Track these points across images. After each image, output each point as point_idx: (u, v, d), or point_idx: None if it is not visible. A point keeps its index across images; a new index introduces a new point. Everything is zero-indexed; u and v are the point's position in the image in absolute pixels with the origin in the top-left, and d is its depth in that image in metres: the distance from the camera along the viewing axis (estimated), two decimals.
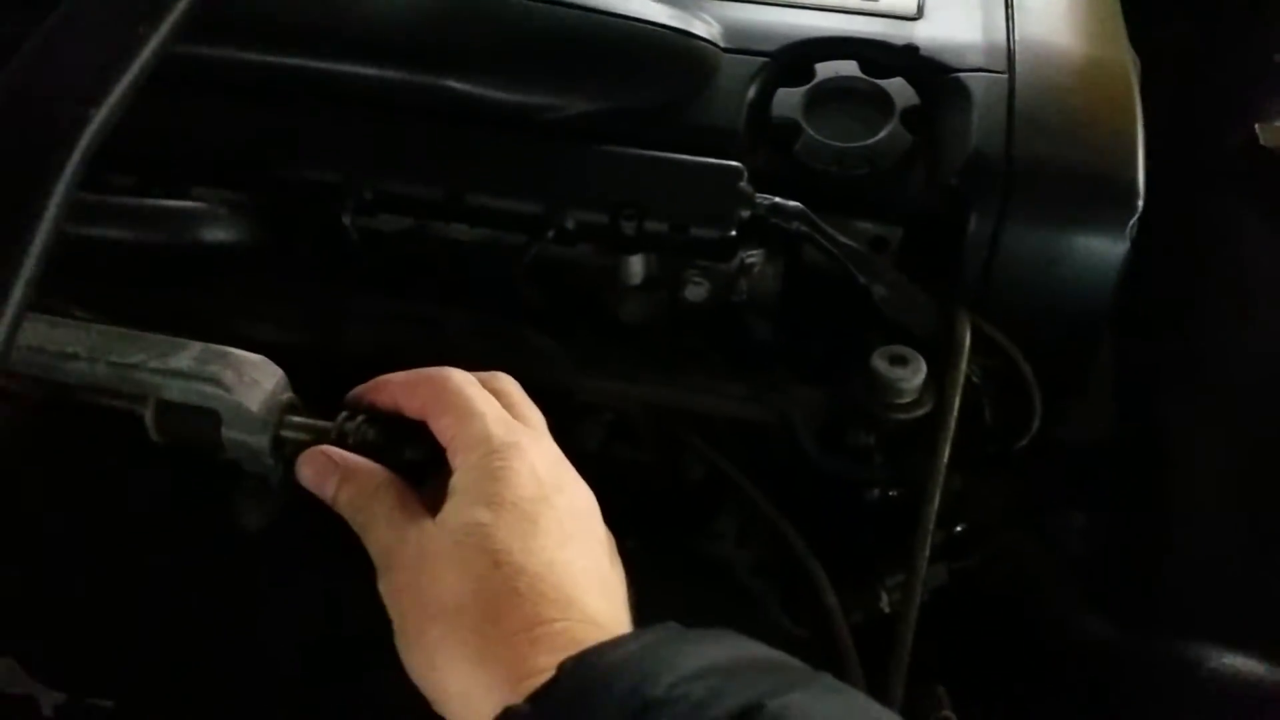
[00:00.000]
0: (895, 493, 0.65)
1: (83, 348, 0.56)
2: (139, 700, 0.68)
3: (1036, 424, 0.65)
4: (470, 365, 0.56)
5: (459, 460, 0.50)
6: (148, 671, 0.69)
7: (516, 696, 0.41)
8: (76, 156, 0.47)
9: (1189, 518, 0.66)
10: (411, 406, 0.54)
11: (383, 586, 0.49)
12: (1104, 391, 0.74)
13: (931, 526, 0.60)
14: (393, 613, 0.48)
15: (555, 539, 0.47)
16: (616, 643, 0.43)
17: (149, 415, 0.56)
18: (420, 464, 0.53)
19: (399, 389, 0.54)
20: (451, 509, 0.48)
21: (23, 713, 0.66)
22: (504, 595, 0.45)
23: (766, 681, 0.41)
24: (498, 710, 0.41)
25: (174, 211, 0.67)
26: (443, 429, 0.52)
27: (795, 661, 0.44)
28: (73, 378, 0.56)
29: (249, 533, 0.60)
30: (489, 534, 0.46)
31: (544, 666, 0.42)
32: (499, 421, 0.51)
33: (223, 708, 0.67)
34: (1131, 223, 0.64)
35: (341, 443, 0.55)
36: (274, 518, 0.59)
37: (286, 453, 0.56)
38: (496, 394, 0.54)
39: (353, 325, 0.68)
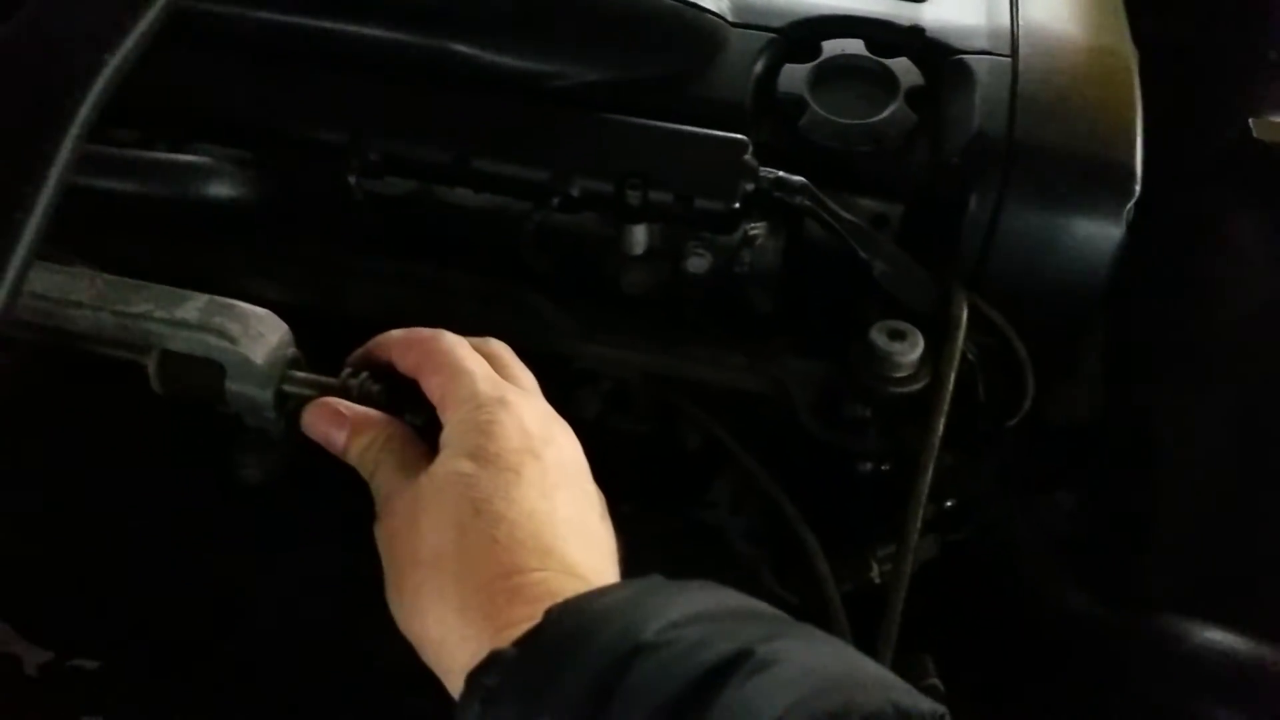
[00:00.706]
0: (888, 466, 0.66)
1: (88, 296, 0.56)
2: (127, 661, 0.68)
3: (1029, 402, 0.66)
4: (473, 328, 0.57)
5: (448, 416, 0.51)
6: (138, 631, 0.69)
7: (494, 644, 0.42)
8: (90, 102, 0.47)
9: (1174, 498, 0.67)
10: (404, 364, 0.55)
11: (378, 532, 0.51)
12: (1094, 374, 0.75)
13: (924, 499, 0.61)
14: (384, 557, 0.50)
15: (538, 490, 0.48)
16: (602, 591, 0.44)
17: (152, 365, 0.56)
18: (420, 426, 0.54)
19: (394, 347, 0.55)
20: (439, 462, 0.50)
21: (6, 671, 0.66)
22: (483, 543, 0.46)
23: (755, 628, 0.41)
24: (474, 657, 0.42)
25: (178, 165, 0.67)
26: (433, 388, 0.53)
27: (779, 611, 0.44)
28: (76, 326, 0.56)
29: (247, 487, 0.60)
30: (471, 484, 0.47)
31: (521, 617, 0.43)
32: (487, 380, 0.52)
33: (211, 668, 0.67)
34: (1128, 208, 0.65)
35: (345, 399, 0.55)
36: (274, 472, 0.59)
37: (289, 407, 0.56)
38: (488, 357, 0.55)
39: (356, 286, 0.68)
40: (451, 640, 0.45)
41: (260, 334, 0.56)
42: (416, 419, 0.54)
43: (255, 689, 0.66)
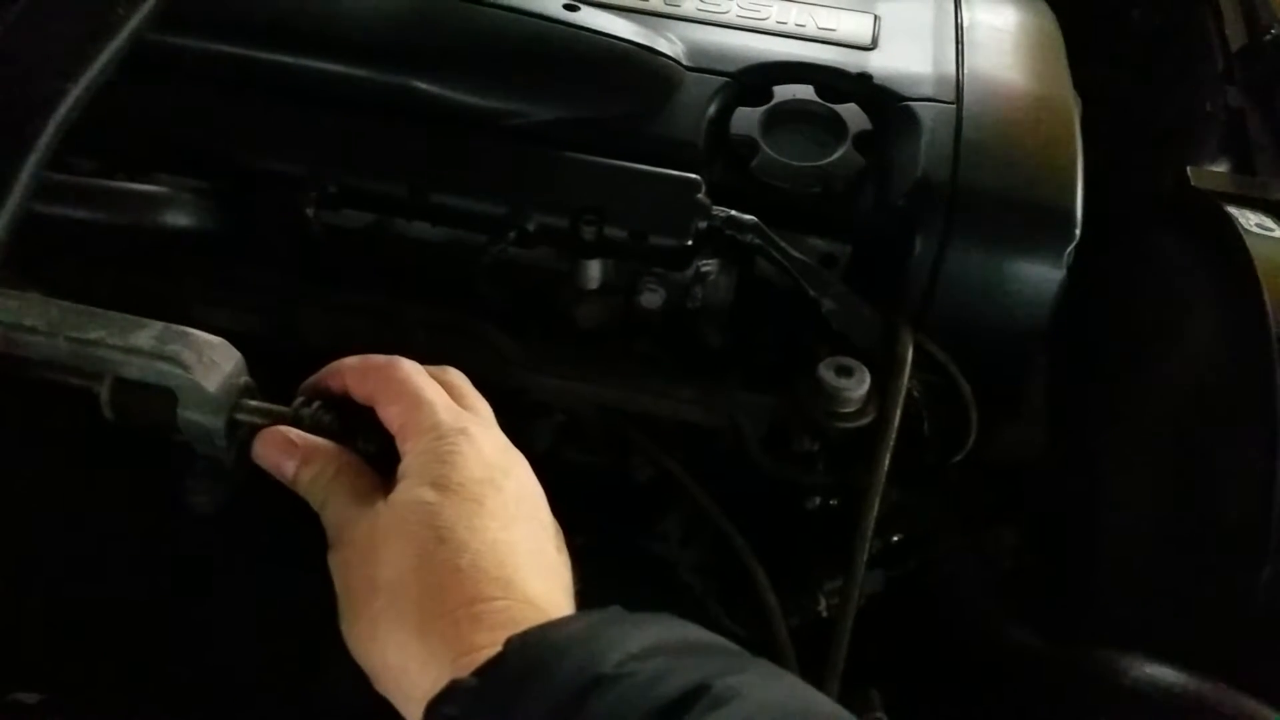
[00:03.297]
0: (836, 500, 0.67)
1: (42, 322, 0.56)
2: (69, 694, 0.67)
3: (972, 440, 0.67)
4: (428, 359, 0.57)
5: (408, 446, 0.51)
6: (81, 665, 0.68)
7: (456, 671, 0.42)
8: (51, 129, 0.48)
9: (1114, 536, 0.69)
10: (361, 392, 0.55)
11: (332, 561, 0.50)
12: (1037, 413, 0.77)
13: (870, 534, 0.62)
14: (339, 587, 0.49)
15: (500, 521, 0.48)
16: (563, 622, 0.44)
17: (104, 392, 0.56)
18: (372, 455, 0.54)
19: (349, 374, 0.55)
20: (400, 490, 0.50)
21: None
22: (446, 571, 0.46)
23: (712, 663, 0.42)
24: (436, 683, 0.42)
25: (136, 194, 0.67)
26: (391, 417, 0.53)
27: (735, 646, 0.45)
28: (29, 351, 0.56)
29: (197, 516, 0.60)
30: (435, 512, 0.48)
31: (483, 643, 0.43)
32: (447, 409, 0.52)
33: (156, 704, 0.67)
34: (1068, 251, 0.67)
35: (297, 427, 0.55)
36: (224, 501, 0.59)
37: (240, 436, 0.56)
38: (446, 386, 0.55)
39: (311, 315, 0.68)
40: (412, 667, 0.45)
41: (214, 362, 0.56)
42: (369, 447, 0.54)
43: None
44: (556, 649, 0.42)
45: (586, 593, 0.51)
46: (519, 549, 0.48)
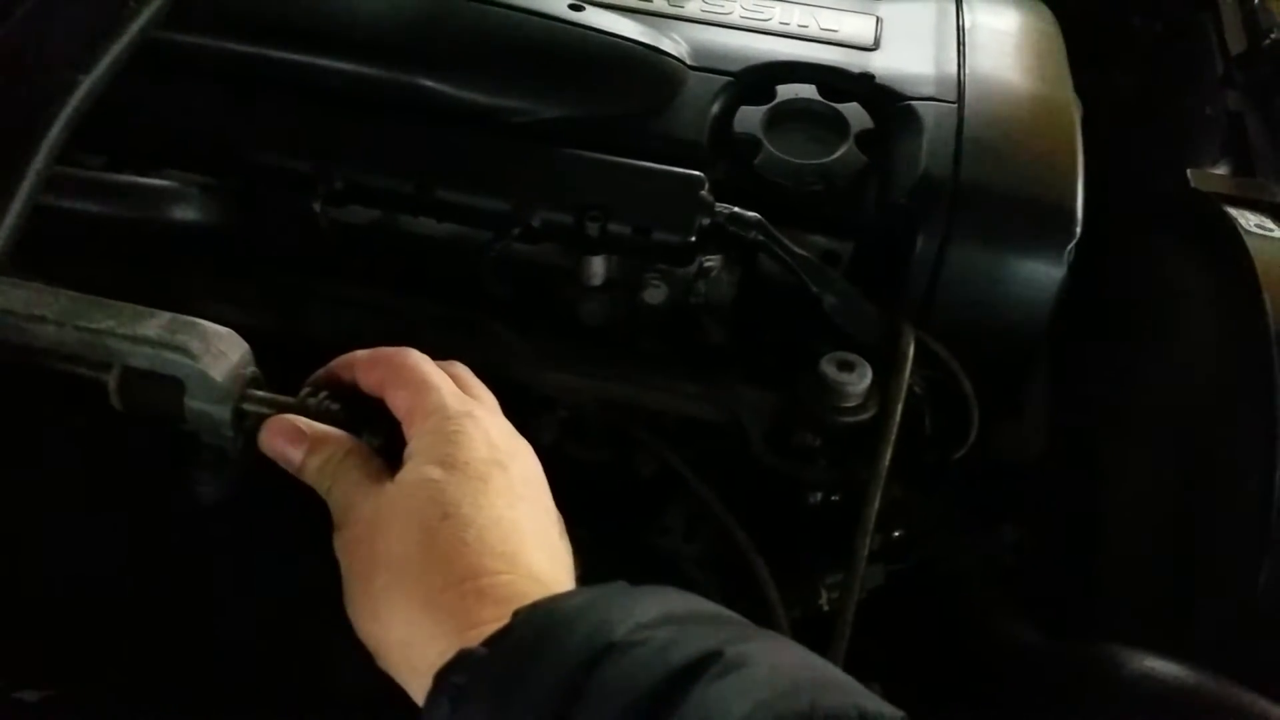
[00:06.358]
0: (837, 495, 0.67)
1: (51, 311, 0.56)
2: (74, 690, 0.67)
3: (973, 436, 0.68)
4: (433, 354, 0.57)
5: (415, 429, 0.52)
6: (88, 657, 0.68)
7: (462, 644, 0.42)
8: (63, 119, 0.48)
9: (1114, 532, 0.69)
10: (369, 381, 0.55)
11: (337, 542, 0.51)
12: (1039, 411, 0.77)
13: (871, 529, 0.62)
14: (343, 566, 0.50)
15: (505, 499, 0.49)
16: (570, 594, 0.44)
17: (112, 381, 0.56)
18: (378, 447, 0.55)
19: (358, 364, 0.56)
20: (406, 470, 0.50)
21: None
22: (451, 545, 0.46)
23: (722, 631, 0.42)
24: (443, 656, 0.42)
25: (145, 189, 0.68)
26: (399, 402, 0.53)
27: (740, 617, 0.45)
28: (39, 341, 0.57)
29: (203, 506, 0.60)
30: (440, 489, 0.48)
31: (489, 618, 0.43)
32: (453, 394, 0.53)
33: (160, 701, 0.67)
34: (1069, 248, 0.68)
35: (304, 416, 0.56)
36: (230, 491, 0.59)
37: (247, 425, 0.57)
38: (452, 377, 0.55)
39: (318, 310, 0.69)
40: (418, 640, 0.45)
41: (221, 352, 0.56)
42: (375, 439, 0.55)
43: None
44: (565, 619, 0.42)
45: (589, 583, 0.52)
46: (523, 526, 0.49)
